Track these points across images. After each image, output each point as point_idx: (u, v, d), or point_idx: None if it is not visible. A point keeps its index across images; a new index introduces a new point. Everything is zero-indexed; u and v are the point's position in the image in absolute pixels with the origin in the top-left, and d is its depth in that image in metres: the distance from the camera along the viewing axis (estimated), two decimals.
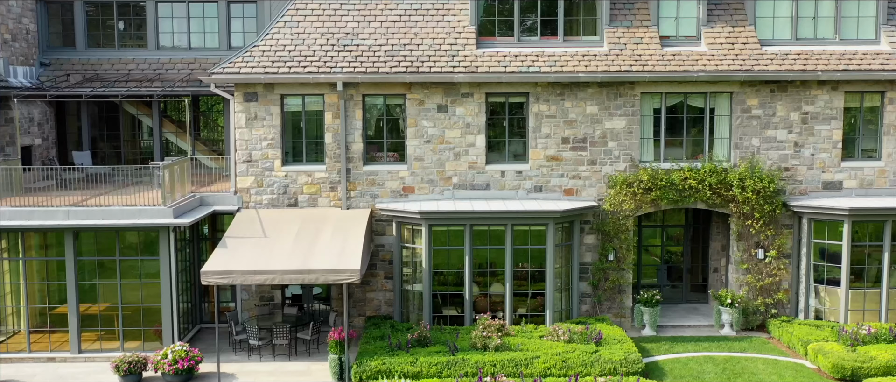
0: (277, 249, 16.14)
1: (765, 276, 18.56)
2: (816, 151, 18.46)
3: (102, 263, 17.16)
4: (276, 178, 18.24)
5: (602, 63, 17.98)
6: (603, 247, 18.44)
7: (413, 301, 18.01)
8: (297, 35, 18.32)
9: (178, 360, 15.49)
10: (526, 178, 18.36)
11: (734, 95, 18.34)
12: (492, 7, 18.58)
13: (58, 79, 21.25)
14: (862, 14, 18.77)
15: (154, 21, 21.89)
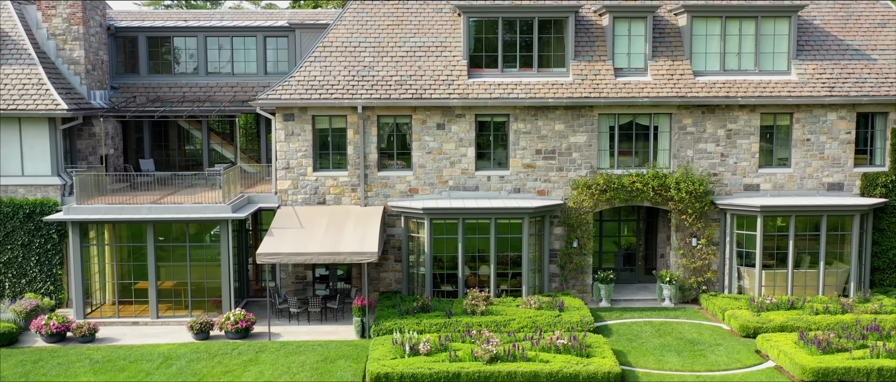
0: (312, 236, 20.86)
1: (697, 260, 23.28)
2: (738, 160, 23.17)
3: (167, 247, 21.85)
4: (309, 181, 22.95)
5: (567, 90, 22.69)
6: (568, 237, 23.15)
7: (417, 279, 22.73)
8: (325, 68, 23.03)
9: (238, 321, 20.22)
10: (507, 181, 23.07)
11: (673, 115, 23.05)
12: (480, 45, 23.28)
13: (127, 100, 25.96)
14: (776, 50, 23.46)
15: (203, 51, 26.61)
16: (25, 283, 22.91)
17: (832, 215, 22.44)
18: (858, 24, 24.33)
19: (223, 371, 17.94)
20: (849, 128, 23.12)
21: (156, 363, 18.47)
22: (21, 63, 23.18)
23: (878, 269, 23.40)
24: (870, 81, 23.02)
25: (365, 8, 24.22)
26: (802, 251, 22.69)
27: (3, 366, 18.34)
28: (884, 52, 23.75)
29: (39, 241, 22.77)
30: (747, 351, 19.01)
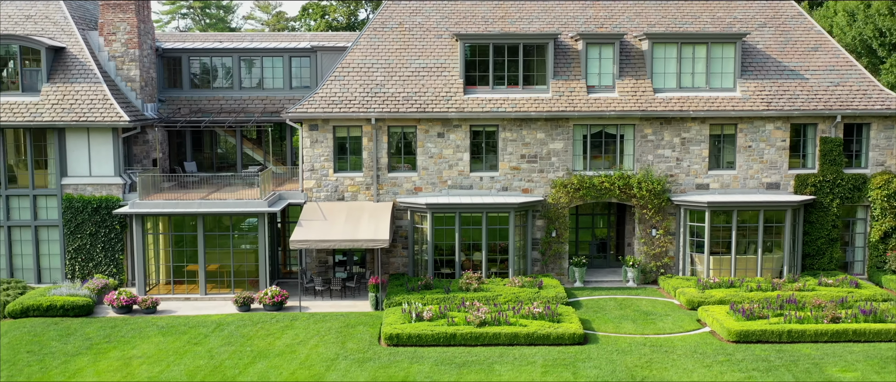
0: (334, 227, 25.25)
1: (656, 247, 27.67)
2: (691, 163, 27.55)
3: (211, 236, 26.21)
4: (330, 181, 27.34)
5: (547, 105, 27.06)
6: (548, 228, 27.54)
7: (421, 263, 27.10)
8: (344, 86, 27.41)
9: (275, 296, 24.63)
10: (496, 181, 27.45)
11: (636, 126, 27.41)
12: (474, 66, 27.64)
13: (172, 112, 30.36)
14: (724, 71, 27.82)
15: (237, 69, 30.99)
16: (92, 266, 27.33)
17: (769, 210, 26.80)
18: (795, 48, 28.69)
19: (265, 334, 22.35)
20: (784, 137, 27.49)
21: (210, 328, 22.88)
22: (88, 81, 27.57)
23: (808, 255, 27.77)
24: (802, 98, 27.39)
25: (377, 35, 28.61)
26: (745, 239, 27.05)
27: (87, 330, 22.75)
28: (816, 72, 28.10)
29: (104, 231, 27.19)
30: (690, 320, 23.40)
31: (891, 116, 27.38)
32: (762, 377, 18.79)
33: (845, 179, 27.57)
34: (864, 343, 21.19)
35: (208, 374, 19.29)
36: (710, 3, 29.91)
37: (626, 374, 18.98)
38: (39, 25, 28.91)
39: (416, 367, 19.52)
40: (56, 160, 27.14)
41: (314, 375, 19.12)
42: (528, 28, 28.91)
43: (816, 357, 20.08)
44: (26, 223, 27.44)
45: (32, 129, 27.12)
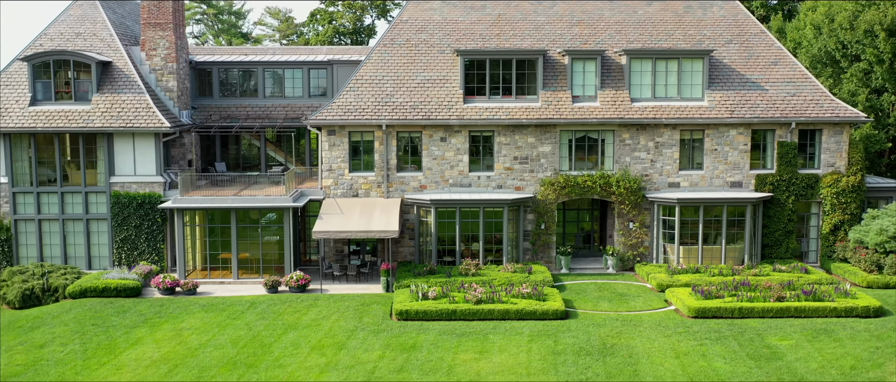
0: (350, 220, 28.98)
1: (633, 238, 31.39)
2: (664, 164, 31.25)
3: (241, 228, 29.90)
4: (346, 180, 31.05)
5: (537, 113, 30.77)
6: (537, 221, 31.25)
7: (426, 252, 30.83)
8: (358, 96, 31.13)
9: (299, 280, 28.37)
10: (492, 180, 31.16)
11: (615, 131, 31.12)
12: (472, 79, 31.33)
13: (204, 118, 34.10)
14: (693, 83, 31.50)
15: (262, 79, 34.71)
16: (137, 255, 31.08)
17: (732, 206, 30.52)
18: (757, 63, 32.39)
19: (293, 311, 26.09)
20: (746, 141, 31.19)
21: (245, 306, 26.63)
22: (133, 92, 31.31)
23: (767, 245, 31.48)
24: (762, 107, 31.10)
25: (387, 50, 32.34)
26: (711, 231, 30.76)
27: (140, 308, 26.51)
28: (775, 84, 31.80)
29: (147, 223, 30.94)
30: (658, 300, 27.13)
31: (839, 122, 31.08)
32: (712, 344, 22.50)
33: (800, 178, 31.28)
34: (803, 318, 24.89)
35: (249, 341, 23.04)
36: (682, 21, 33.60)
37: (599, 342, 22.70)
38: (88, 42, 32.64)
39: (422, 336, 23.25)
40: (105, 161, 30.88)
41: (338, 342, 22.86)
42: (520, 44, 32.60)
43: (761, 329, 23.78)
44: (79, 217, 31.19)
45: (85, 133, 30.86)
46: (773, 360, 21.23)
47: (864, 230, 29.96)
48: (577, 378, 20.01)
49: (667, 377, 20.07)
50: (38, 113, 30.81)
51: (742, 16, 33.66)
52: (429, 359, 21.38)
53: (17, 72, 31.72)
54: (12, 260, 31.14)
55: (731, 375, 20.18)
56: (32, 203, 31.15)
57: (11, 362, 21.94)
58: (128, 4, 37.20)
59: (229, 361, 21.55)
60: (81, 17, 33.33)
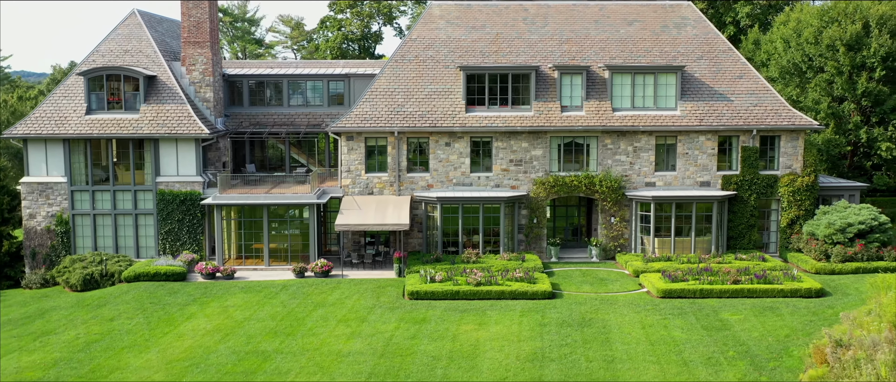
0: (367, 214, 33.34)
1: (614, 231, 35.75)
2: (641, 166, 35.59)
3: (272, 221, 34.25)
4: (362, 180, 35.42)
5: (530, 121, 35.11)
6: (530, 216, 35.61)
7: (433, 242, 35.19)
8: (373, 106, 35.49)
9: (323, 267, 32.75)
10: (491, 180, 35.52)
11: (599, 137, 35.46)
12: (473, 91, 35.67)
13: (236, 125, 38.47)
14: (667, 95, 35.82)
15: (287, 90, 39.07)
16: (179, 245, 35.47)
17: (700, 203, 34.85)
18: (724, 76, 36.71)
19: (319, 292, 30.48)
20: (713, 146, 35.52)
21: (278, 288, 31.02)
22: (175, 102, 35.71)
23: (732, 237, 35.83)
24: (727, 116, 35.43)
25: (398, 66, 36.70)
26: (682, 225, 35.10)
27: (187, 290, 30.92)
28: (740, 95, 36.12)
29: (188, 217, 35.33)
30: (633, 283, 31.49)
31: (795, 130, 35.42)
32: (674, 319, 26.85)
33: (761, 178, 35.63)
34: (755, 298, 29.23)
35: (285, 316, 27.45)
36: (659, 40, 37.93)
37: (579, 316, 27.07)
38: (135, 58, 37.04)
39: (431, 312, 27.64)
40: (151, 163, 35.28)
41: (359, 316, 27.26)
42: (515, 60, 36.93)
43: (717, 307, 28.13)
44: (128, 212, 35.60)
45: (134, 139, 35.25)
46: (722, 330, 25.58)
47: (815, 224, 34.30)
48: (558, 342, 24.39)
49: (632, 342, 24.45)
50: (92, 121, 35.20)
51: (712, 35, 38.00)
52: (436, 329, 25.76)
53: (73, 85, 36.12)
54: (71, 250, 35.54)
55: (685, 341, 24.54)
56: (88, 200, 35.55)
57: (89, 331, 26.37)
58: (166, 22, 41.61)
59: (270, 330, 25.95)
60: (128, 36, 37.72)
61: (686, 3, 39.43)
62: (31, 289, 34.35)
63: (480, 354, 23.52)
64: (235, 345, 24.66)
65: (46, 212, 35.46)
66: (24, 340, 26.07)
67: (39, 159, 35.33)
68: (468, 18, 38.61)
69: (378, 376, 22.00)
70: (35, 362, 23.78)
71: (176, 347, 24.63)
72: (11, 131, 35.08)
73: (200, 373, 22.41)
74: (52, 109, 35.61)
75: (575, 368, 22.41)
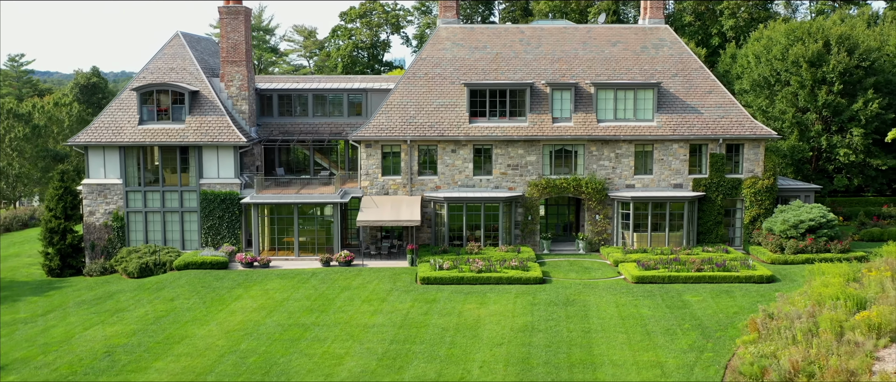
0: (383, 211, 38.59)
1: (599, 227, 40.96)
2: (622, 170, 40.79)
3: (304, 219, 39.48)
4: (379, 181, 40.65)
5: (525, 131, 40.32)
6: (525, 214, 40.84)
7: (440, 236, 40.41)
8: (388, 118, 40.73)
9: (346, 257, 38.02)
10: (491, 182, 40.74)
11: (585, 145, 40.67)
12: (476, 104, 40.88)
13: (267, 134, 43.73)
14: (646, 108, 40.99)
15: (311, 103, 44.31)
16: (219, 238, 40.73)
17: (673, 202, 40.04)
18: (695, 91, 41.90)
19: (344, 278, 35.72)
20: (685, 153, 40.70)
21: (308, 275, 36.28)
22: (216, 114, 40.97)
23: (701, 233, 41.02)
24: (698, 126, 40.61)
25: (410, 82, 41.94)
26: (658, 221, 40.28)
27: (231, 276, 36.19)
28: (709, 108, 41.29)
29: (228, 214, 40.58)
30: (613, 272, 36.70)
31: (757, 139, 40.60)
32: (643, 299, 32.04)
33: (727, 181, 40.82)
34: (715, 283, 34.40)
35: (317, 297, 32.71)
36: (639, 59, 43.12)
37: (564, 297, 32.29)
38: (180, 75, 42.32)
39: (439, 294, 32.88)
40: (195, 167, 40.54)
41: (380, 297, 32.51)
42: (513, 77, 42.14)
43: (681, 290, 33.33)
44: (175, 209, 40.87)
45: (180, 146, 40.52)
46: (682, 309, 30.79)
47: (773, 221, 39.49)
48: (545, 318, 29.63)
49: (606, 317, 29.68)
50: (144, 131, 40.49)
51: (686, 55, 43.21)
52: (445, 307, 31.01)
53: (127, 99, 41.42)
54: (125, 242, 40.83)
55: (650, 316, 29.77)
56: (140, 199, 40.84)
57: (156, 309, 31.67)
58: (204, 41, 46.90)
59: (306, 308, 31.23)
60: (173, 55, 43.01)
61: (663, 26, 44.64)
62: (91, 276, 39.64)
63: (481, 326, 28.76)
64: (279, 319, 29.93)
65: (104, 209, 40.76)
66: (102, 315, 31.39)
67: (98, 164, 40.63)
68: (471, 40, 43.86)
69: (398, 342, 27.25)
70: (117, 332, 29.08)
71: (230, 320, 29.92)
72: (75, 140, 40.38)
73: (254, 340, 27.68)
74: (109, 119, 40.91)
75: (557, 337, 27.63)
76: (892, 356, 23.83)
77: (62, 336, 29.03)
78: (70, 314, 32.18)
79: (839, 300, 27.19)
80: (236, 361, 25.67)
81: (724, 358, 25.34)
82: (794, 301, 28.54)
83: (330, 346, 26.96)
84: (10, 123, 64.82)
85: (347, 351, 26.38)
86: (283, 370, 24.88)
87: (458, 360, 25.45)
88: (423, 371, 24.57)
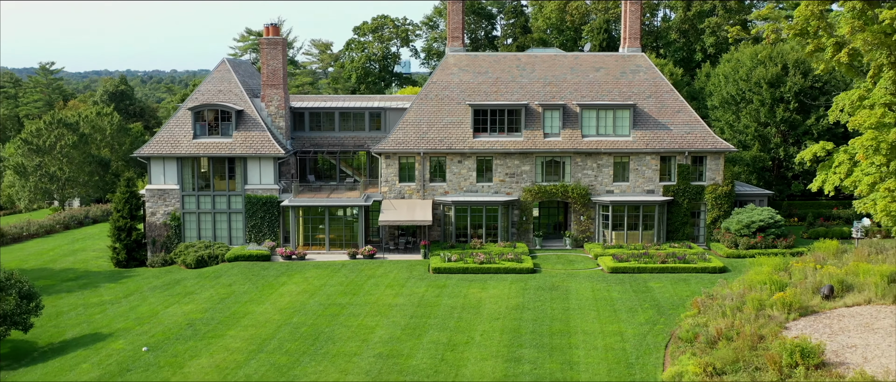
0: (401, 213, 45.89)
1: (583, 226, 48.22)
2: (603, 178, 48.02)
3: (333, 219, 46.77)
4: (397, 187, 47.94)
5: (521, 145, 47.59)
6: (521, 215, 48.11)
7: (448, 234, 47.68)
8: (404, 133, 48.01)
9: (369, 251, 45.32)
10: (491, 188, 48.01)
11: (571, 157, 47.91)
12: (479, 121, 48.12)
13: (299, 146, 51.05)
14: (623, 125, 48.21)
15: (338, 120, 51.59)
16: (261, 235, 48.06)
17: (646, 206, 47.25)
18: (667, 110, 49.10)
19: (368, 268, 43.03)
20: (656, 164, 47.92)
21: (338, 266, 43.59)
22: (258, 130, 48.30)
23: (670, 231, 48.24)
24: (667, 141, 47.84)
25: (423, 102, 49.22)
26: (633, 222, 47.48)
27: (275, 266, 43.53)
28: (677, 126, 48.50)
29: (268, 215, 47.90)
30: (593, 264, 43.95)
31: (717, 152, 47.79)
32: (615, 285, 39.24)
33: (692, 188, 48.04)
34: (676, 273, 41.60)
35: (348, 283, 40.02)
36: (618, 83, 50.35)
37: (550, 283, 39.52)
38: (227, 96, 49.67)
39: (448, 280, 40.14)
40: (241, 175, 47.87)
41: (399, 283, 39.79)
42: (510, 99, 49.38)
43: (647, 279, 40.55)
44: (223, 211, 48.21)
45: (228, 157, 47.86)
46: (646, 292, 38.01)
47: (730, 222, 46.70)
48: (534, 299, 36.89)
49: (582, 299, 36.92)
50: (198, 144, 47.83)
51: (659, 79, 50.44)
52: (453, 291, 38.28)
53: (183, 116, 48.77)
54: (181, 238, 48.19)
55: (618, 298, 37.00)
56: (194, 202, 48.18)
57: (218, 293, 39.03)
58: (244, 65, 54.27)
59: (341, 292, 38.54)
60: (220, 79, 50.37)
61: (640, 54, 51.86)
62: (154, 267, 46.99)
63: (482, 305, 36.03)
64: (320, 300, 37.25)
65: (163, 211, 48.13)
66: (176, 297, 38.76)
67: (159, 172, 48.00)
68: (475, 66, 51.15)
69: (417, 317, 34.53)
70: (192, 309, 36.43)
71: (280, 301, 37.25)
72: (140, 152, 47.77)
73: (303, 315, 35.01)
74: (167, 135, 48.28)
75: (542, 313, 34.90)
76: (799, 326, 31.05)
77: (149, 312, 36.39)
78: (148, 296, 39.53)
79: (766, 284, 34.44)
80: (291, 330, 32.99)
81: (671, 329, 32.59)
82: (731, 286, 35.77)
83: (363, 320, 34.26)
84: (60, 132, 72.17)
85: (377, 323, 33.68)
86: (329, 337, 32.19)
87: (463, 330, 32.73)
88: (436, 338, 31.84)
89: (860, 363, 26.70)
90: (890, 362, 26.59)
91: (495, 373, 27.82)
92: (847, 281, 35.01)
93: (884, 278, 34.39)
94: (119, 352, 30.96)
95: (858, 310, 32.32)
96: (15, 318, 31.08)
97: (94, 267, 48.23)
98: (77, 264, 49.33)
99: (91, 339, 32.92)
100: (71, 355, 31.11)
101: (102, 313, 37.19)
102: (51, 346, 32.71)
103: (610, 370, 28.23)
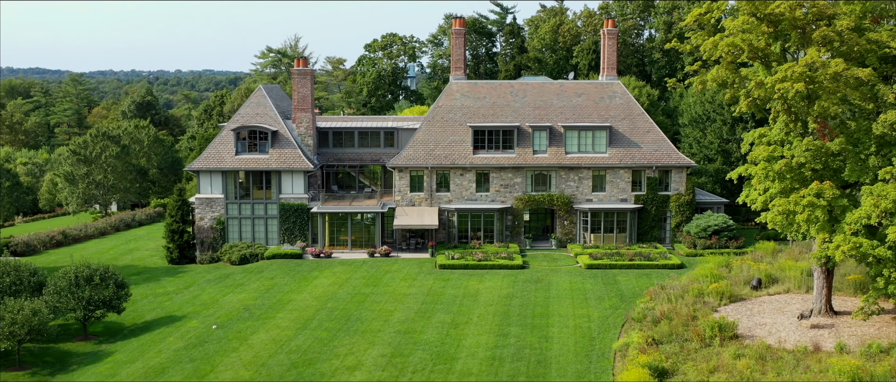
0: (411, 218, 54.40)
1: (566, 229, 56.68)
2: (584, 189, 56.46)
3: (354, 224, 55.26)
4: (408, 196, 56.45)
5: (514, 161, 56.06)
6: (513, 220, 56.59)
7: (452, 236, 56.16)
8: (414, 151, 56.50)
9: (385, 251, 53.84)
10: (489, 197, 56.49)
11: (556, 171, 56.35)
12: (478, 140, 56.58)
13: (325, 160, 59.60)
14: (601, 143, 56.64)
15: (357, 138, 60.08)
16: (293, 237, 56.59)
17: (620, 212, 55.69)
18: (637, 131, 57.53)
19: (385, 265, 51.55)
20: (629, 177, 56.33)
21: (360, 263, 52.15)
22: (290, 147, 56.86)
23: (640, 234, 56.68)
24: (638, 157, 56.28)
25: (430, 124, 57.71)
26: (609, 226, 55.90)
27: (306, 263, 52.09)
28: (647, 144, 56.92)
29: (299, 220, 56.44)
30: (573, 261, 52.42)
31: (680, 166, 56.21)
32: (588, 279, 47.67)
33: (659, 197, 56.49)
34: (641, 268, 49.99)
35: (369, 277, 48.57)
36: (597, 107, 58.79)
37: (536, 278, 47.98)
38: (263, 118, 58.23)
39: (452, 275, 48.64)
40: (276, 186, 56.41)
41: (411, 277, 48.31)
42: (505, 120, 57.82)
43: (616, 273, 48.99)
44: (261, 216, 56.77)
45: (265, 171, 56.40)
46: (613, 285, 46.46)
47: (690, 226, 55.13)
48: (522, 290, 45.36)
49: (561, 289, 45.37)
50: (239, 159, 56.40)
51: (632, 103, 58.89)
52: (456, 283, 46.79)
53: (226, 136, 57.34)
54: (226, 240, 56.77)
55: (590, 289, 45.45)
56: (236, 209, 56.76)
57: (263, 285, 47.64)
58: (275, 89, 62.87)
59: (364, 284, 47.08)
60: (257, 103, 58.94)
61: (617, 81, 60.28)
62: (203, 264, 55.53)
63: (480, 295, 44.53)
64: (347, 290, 45.78)
65: (210, 216, 56.71)
66: (229, 288, 47.34)
67: (206, 183, 56.59)
68: (475, 92, 59.65)
69: (426, 303, 43.01)
70: (245, 297, 45.00)
71: (315, 292, 45.79)
72: (191, 166, 56.36)
73: (335, 302, 43.53)
74: (213, 151, 56.86)
75: (527, 300, 43.37)
76: (727, 310, 39.50)
77: (209, 300, 44.97)
78: (205, 288, 48.11)
79: (707, 277, 42.92)
80: (327, 313, 41.53)
81: (628, 312, 41.08)
82: (679, 279, 44.27)
83: (384, 305, 42.78)
84: (105, 143, 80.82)
85: (395, 308, 42.21)
86: (357, 318, 40.71)
87: (464, 313, 41.22)
88: (442, 319, 40.34)
89: (765, 336, 35.17)
90: (787, 335, 35.09)
91: (488, 344, 36.34)
92: (774, 275, 43.62)
93: (802, 272, 42.98)
94: (195, 329, 39.54)
95: (777, 298, 40.85)
96: (112, 303, 39.62)
97: (151, 264, 56.81)
98: (136, 261, 57.91)
99: (168, 320, 41.51)
100: (157, 331, 39.70)
101: (170, 301, 45.75)
102: (136, 326, 41.29)
103: (576, 341, 36.73)
